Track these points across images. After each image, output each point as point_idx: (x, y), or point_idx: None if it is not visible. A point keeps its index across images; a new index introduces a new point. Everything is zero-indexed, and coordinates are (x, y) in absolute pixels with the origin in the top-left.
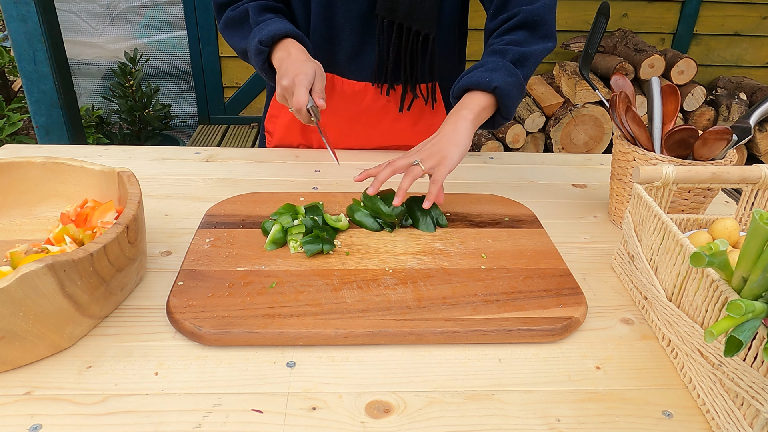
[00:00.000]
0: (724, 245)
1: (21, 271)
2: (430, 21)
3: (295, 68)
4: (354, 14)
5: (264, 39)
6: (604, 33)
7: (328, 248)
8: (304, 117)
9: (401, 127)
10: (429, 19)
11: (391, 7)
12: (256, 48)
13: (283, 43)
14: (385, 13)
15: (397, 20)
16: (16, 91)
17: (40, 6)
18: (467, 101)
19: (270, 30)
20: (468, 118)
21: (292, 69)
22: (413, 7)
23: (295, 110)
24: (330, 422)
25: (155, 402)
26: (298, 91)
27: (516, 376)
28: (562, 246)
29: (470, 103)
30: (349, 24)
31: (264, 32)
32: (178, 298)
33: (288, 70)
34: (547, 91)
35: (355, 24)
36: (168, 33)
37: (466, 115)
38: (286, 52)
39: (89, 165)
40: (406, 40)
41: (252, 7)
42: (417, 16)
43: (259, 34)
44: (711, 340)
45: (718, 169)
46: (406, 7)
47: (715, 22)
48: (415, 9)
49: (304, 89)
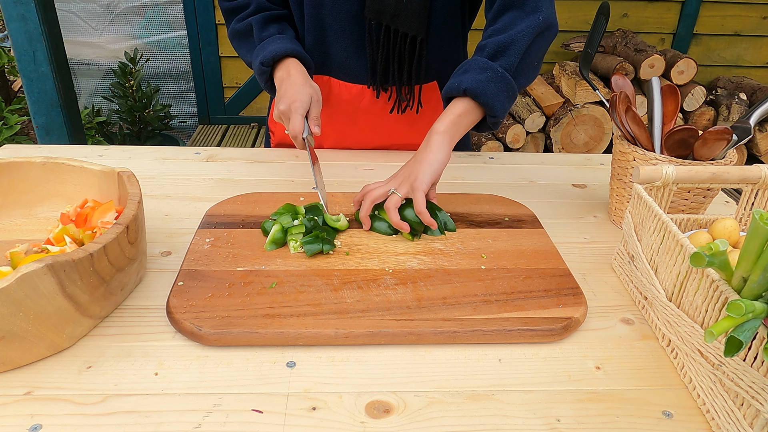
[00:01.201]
0: (724, 245)
1: (21, 271)
2: (417, 22)
3: (292, 93)
4: (344, 15)
5: (265, 60)
6: (604, 33)
7: (328, 248)
8: (299, 144)
9: (400, 126)
10: (417, 21)
11: (378, 9)
12: (258, 68)
13: (285, 62)
14: (372, 15)
15: (384, 22)
16: (16, 91)
17: (40, 6)
18: (445, 111)
19: (272, 50)
20: (440, 131)
21: (289, 93)
22: (399, 9)
23: (291, 137)
24: (330, 422)
25: (155, 402)
26: (294, 118)
27: (516, 376)
28: (562, 246)
29: (446, 113)
30: (339, 25)
31: (266, 52)
32: (178, 298)
33: (285, 93)
34: (547, 91)
35: (345, 26)
36: (168, 33)
37: (438, 128)
38: (286, 72)
39: (89, 165)
40: (394, 42)
41: (255, 21)
42: (404, 17)
43: (261, 54)
44: (711, 340)
45: (718, 169)
46: (392, 8)
47: (715, 22)
48: (401, 10)
49: (300, 117)
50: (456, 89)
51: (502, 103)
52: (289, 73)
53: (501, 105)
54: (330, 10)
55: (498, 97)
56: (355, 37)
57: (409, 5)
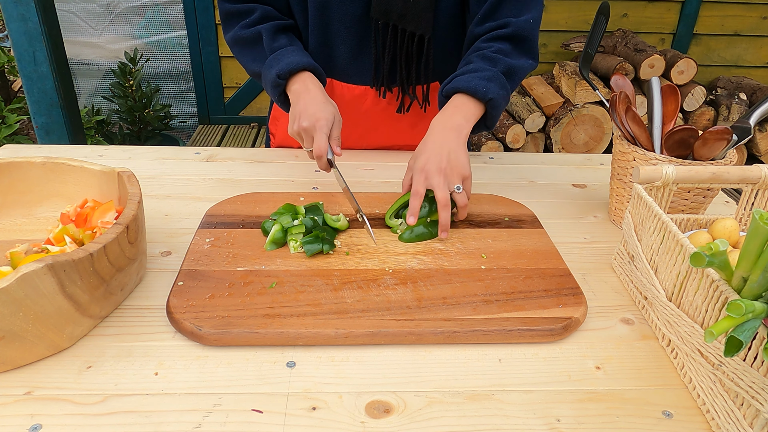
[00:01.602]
0: (724, 245)
1: (21, 271)
2: (425, 21)
3: (315, 110)
4: (350, 17)
5: (282, 72)
6: (604, 33)
7: (328, 248)
8: (323, 165)
9: (401, 127)
10: (424, 20)
11: (385, 9)
12: (273, 81)
13: (301, 76)
14: (379, 15)
15: (391, 22)
16: (16, 91)
17: (40, 6)
18: (463, 109)
19: (288, 62)
20: (465, 132)
21: (311, 110)
22: (407, 8)
23: (315, 157)
24: (330, 422)
25: (155, 402)
26: (318, 138)
27: (516, 376)
28: (562, 246)
29: (466, 112)
30: (345, 27)
31: (282, 64)
32: (178, 298)
33: (307, 109)
34: (547, 91)
35: (351, 27)
36: (168, 33)
37: (464, 127)
38: (304, 86)
39: (89, 165)
40: (401, 41)
41: (266, 30)
42: (411, 17)
43: (276, 66)
44: (711, 340)
45: (718, 169)
46: (399, 8)
47: (715, 22)
48: (408, 10)
49: (325, 136)
50: (482, 94)
51: (497, 121)
52: (308, 88)
53: (496, 122)
54: (336, 12)
55: (499, 116)
56: (360, 38)
57: (417, 5)
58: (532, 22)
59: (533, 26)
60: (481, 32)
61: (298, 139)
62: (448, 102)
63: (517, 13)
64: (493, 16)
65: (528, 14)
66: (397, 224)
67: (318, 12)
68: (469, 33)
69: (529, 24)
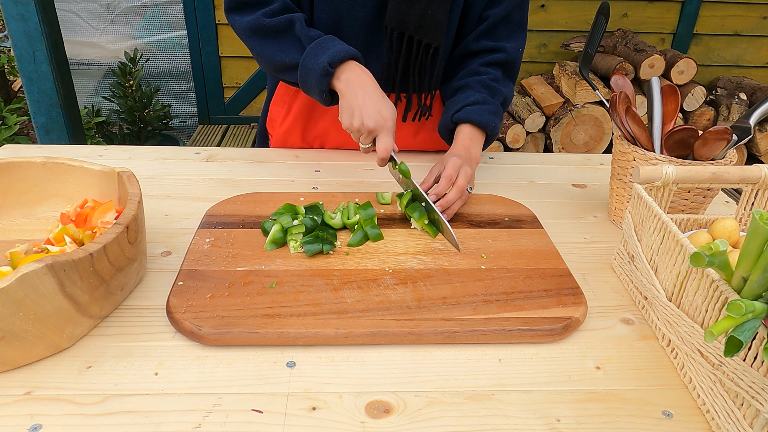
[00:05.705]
0: (724, 245)
1: (21, 271)
2: (440, 33)
3: (380, 108)
4: (359, 22)
5: (333, 60)
6: (604, 33)
7: (328, 248)
8: (384, 164)
9: (403, 134)
10: (439, 32)
11: (402, 19)
12: (323, 69)
13: (348, 65)
14: (395, 24)
15: (407, 32)
16: (16, 91)
17: (40, 6)
18: (477, 141)
19: (338, 50)
20: (478, 160)
21: (375, 107)
22: (424, 20)
23: (379, 157)
24: (330, 422)
25: (155, 402)
26: (385, 139)
27: (516, 376)
28: (562, 246)
29: (478, 144)
30: (353, 32)
31: (332, 51)
32: (178, 298)
33: (366, 105)
34: (547, 91)
35: (360, 32)
36: (168, 33)
37: (479, 157)
38: (356, 76)
39: (89, 165)
40: (416, 52)
41: (299, 19)
42: (428, 28)
43: (324, 54)
44: (711, 340)
45: (718, 169)
46: (417, 19)
47: (715, 22)
48: (426, 21)
49: (391, 138)
50: (491, 129)
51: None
52: (361, 79)
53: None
54: (346, 17)
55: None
56: (368, 44)
57: (434, 17)
58: (521, 49)
59: (521, 54)
60: (477, 49)
61: (354, 134)
62: (463, 133)
63: (511, 36)
64: (488, 35)
65: (518, 41)
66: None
67: (326, 16)
68: (463, 45)
69: (519, 53)
